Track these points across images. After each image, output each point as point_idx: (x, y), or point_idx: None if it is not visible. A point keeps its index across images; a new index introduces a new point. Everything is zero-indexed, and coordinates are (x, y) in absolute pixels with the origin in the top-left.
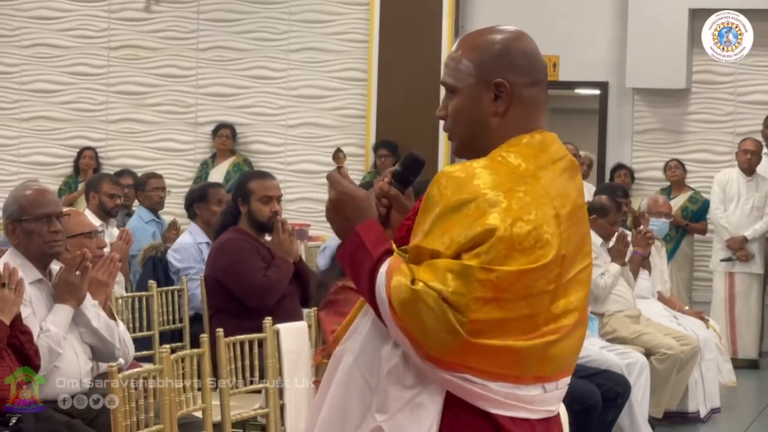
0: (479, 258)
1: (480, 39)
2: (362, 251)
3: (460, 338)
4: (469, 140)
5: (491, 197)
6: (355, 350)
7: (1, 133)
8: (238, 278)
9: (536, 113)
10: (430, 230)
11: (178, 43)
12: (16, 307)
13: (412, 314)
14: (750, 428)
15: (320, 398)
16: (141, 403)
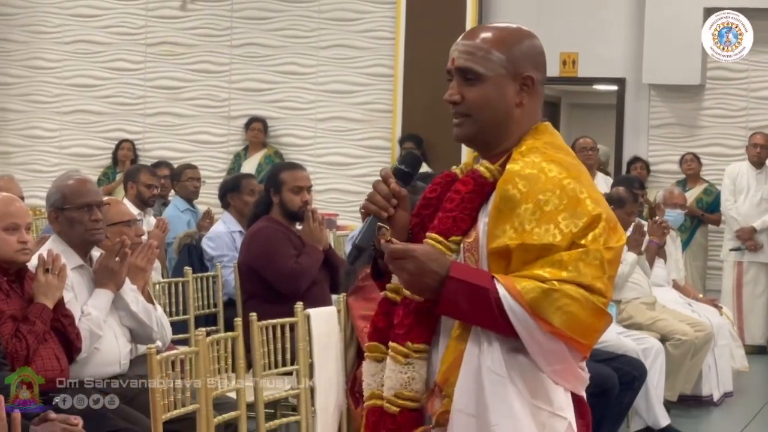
0: (598, 241)
1: (507, 34)
2: (473, 290)
3: (607, 318)
4: (489, 128)
5: (573, 186)
6: (500, 371)
7: (43, 125)
8: (271, 265)
9: (541, 105)
10: (529, 228)
11: (213, 40)
12: (59, 292)
13: (562, 313)
14: (762, 411)
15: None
16: (178, 383)
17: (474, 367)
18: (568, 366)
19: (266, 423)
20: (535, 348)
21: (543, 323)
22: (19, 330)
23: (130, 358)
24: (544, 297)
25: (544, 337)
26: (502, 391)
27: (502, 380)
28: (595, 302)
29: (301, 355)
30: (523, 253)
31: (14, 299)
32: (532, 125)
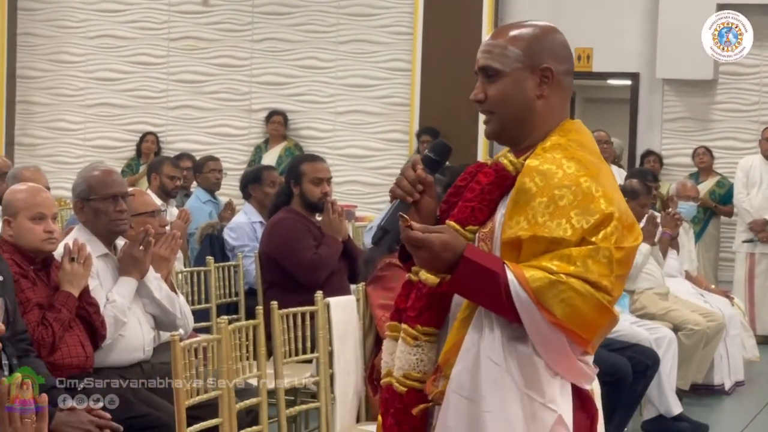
0: (609, 240)
1: (524, 29)
2: (484, 272)
3: (610, 316)
4: (512, 122)
5: (589, 184)
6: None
7: (68, 118)
8: (291, 255)
9: (567, 99)
10: (542, 221)
11: (234, 35)
12: (84, 280)
13: (565, 305)
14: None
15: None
16: (201, 370)
17: (473, 352)
18: (567, 358)
19: (286, 409)
20: (536, 335)
21: (546, 312)
22: (45, 317)
23: (153, 345)
24: (549, 287)
25: (545, 325)
26: (497, 379)
27: (498, 368)
28: (599, 299)
29: (320, 343)
30: (534, 244)
31: (40, 287)
32: (560, 120)
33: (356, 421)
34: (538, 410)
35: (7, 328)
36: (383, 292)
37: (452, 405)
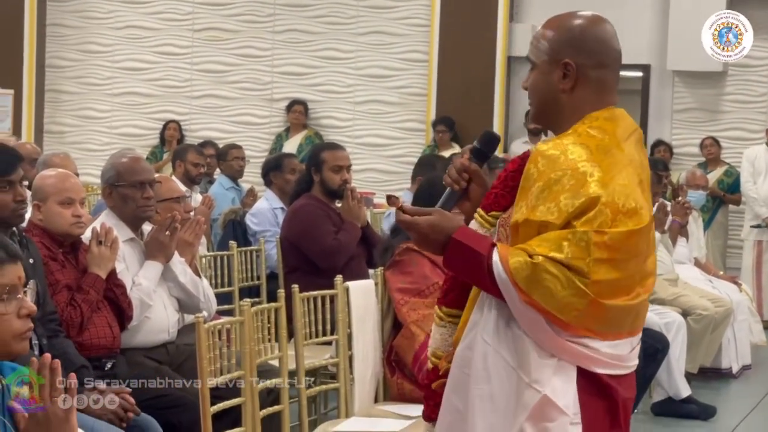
0: (591, 223)
1: (559, 22)
2: (471, 253)
3: (588, 298)
4: (542, 111)
5: (586, 169)
6: (489, 340)
7: (95, 107)
8: (311, 240)
9: (605, 92)
10: (535, 204)
11: (256, 26)
12: (111, 263)
13: (539, 287)
14: None
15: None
16: (224, 351)
17: (474, 331)
18: (551, 338)
19: (307, 390)
20: (518, 315)
21: (521, 293)
22: (73, 299)
23: (178, 327)
24: (525, 268)
25: (521, 305)
26: (487, 356)
27: (488, 347)
28: (575, 281)
29: (340, 325)
30: (527, 228)
31: (69, 270)
32: (593, 110)
33: (374, 402)
34: (523, 389)
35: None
36: (401, 276)
37: (454, 380)
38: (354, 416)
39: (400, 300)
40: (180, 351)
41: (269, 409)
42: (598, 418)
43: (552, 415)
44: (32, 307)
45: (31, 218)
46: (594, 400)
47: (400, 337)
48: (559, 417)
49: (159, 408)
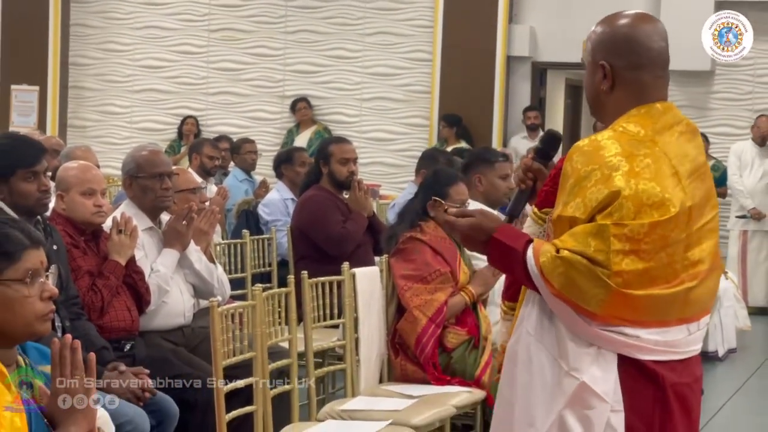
0: (611, 216)
1: (603, 24)
2: (508, 250)
3: (611, 289)
4: (592, 108)
5: (614, 163)
6: (532, 332)
7: (116, 102)
8: (320, 229)
9: (645, 92)
10: (567, 201)
11: (269, 27)
12: (131, 251)
13: (565, 279)
14: (763, 366)
15: (506, 390)
16: (236, 334)
17: (520, 325)
18: (582, 327)
19: (315, 370)
20: (551, 306)
21: (549, 286)
22: (95, 284)
23: (193, 311)
24: (551, 262)
25: (550, 297)
26: (530, 347)
27: (531, 338)
28: (597, 273)
29: (347, 309)
30: (561, 224)
31: (91, 256)
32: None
33: (379, 382)
34: (563, 377)
35: (61, 292)
36: (405, 264)
37: (504, 373)
38: (360, 395)
39: (404, 286)
40: (195, 333)
41: (279, 388)
42: (643, 405)
43: (591, 402)
44: (54, 290)
45: (55, 207)
46: (638, 387)
47: (404, 321)
48: (599, 404)
49: (175, 387)
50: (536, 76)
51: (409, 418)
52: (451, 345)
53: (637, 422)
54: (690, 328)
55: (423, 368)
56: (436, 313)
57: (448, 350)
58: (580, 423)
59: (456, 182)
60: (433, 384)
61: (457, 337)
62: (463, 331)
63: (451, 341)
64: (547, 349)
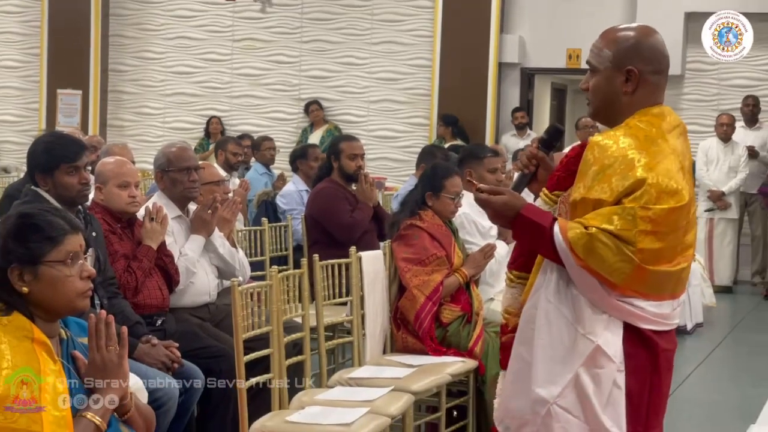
0: (638, 200)
1: (618, 34)
2: (535, 226)
3: (634, 264)
4: (602, 109)
5: (634, 155)
6: (551, 299)
7: (150, 105)
8: (331, 217)
9: (657, 93)
10: (591, 185)
11: (286, 37)
12: (161, 236)
13: (593, 253)
14: (726, 339)
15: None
16: (255, 310)
17: (538, 292)
18: (602, 296)
19: (326, 343)
20: (575, 277)
21: (576, 258)
22: (130, 266)
23: (218, 291)
24: (581, 237)
25: (577, 269)
26: (549, 313)
27: (550, 305)
28: (623, 249)
29: (354, 289)
30: (584, 205)
31: (126, 242)
32: (645, 107)
33: (383, 353)
34: (579, 340)
35: (99, 274)
36: (405, 248)
37: (521, 334)
38: (365, 365)
39: (404, 268)
40: (220, 310)
41: (293, 359)
42: (640, 366)
43: (602, 362)
44: (92, 271)
45: (94, 198)
46: (637, 351)
47: (404, 299)
48: (608, 364)
49: (201, 357)
50: (525, 80)
51: (409, 385)
52: (447, 320)
53: (633, 381)
54: (674, 304)
55: (421, 341)
56: (433, 292)
57: (443, 325)
58: (592, 380)
59: (451, 175)
60: (430, 355)
61: (451, 313)
62: (457, 308)
63: (446, 317)
64: (564, 315)
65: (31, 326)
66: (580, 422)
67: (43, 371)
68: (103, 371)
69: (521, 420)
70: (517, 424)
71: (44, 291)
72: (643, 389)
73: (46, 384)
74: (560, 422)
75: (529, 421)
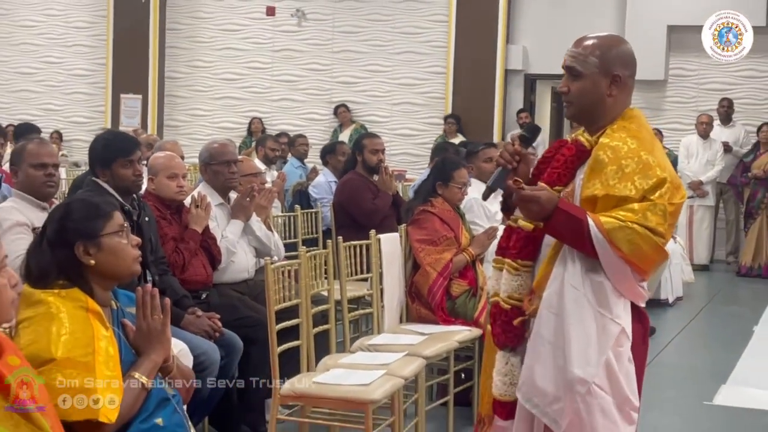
0: (664, 197)
1: (602, 41)
2: (573, 219)
3: (663, 255)
4: (586, 111)
5: (647, 156)
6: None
7: (201, 107)
8: (355, 205)
9: (630, 95)
10: (612, 183)
11: (320, 48)
12: (206, 221)
13: (630, 245)
14: (702, 310)
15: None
16: (287, 284)
17: (559, 279)
18: (630, 283)
19: (348, 314)
20: (609, 266)
21: (615, 249)
22: (177, 247)
23: (255, 268)
24: (619, 230)
25: (615, 258)
26: (577, 299)
27: (578, 292)
28: (656, 241)
29: (373, 266)
30: (606, 200)
31: (174, 226)
32: (623, 108)
33: (399, 322)
34: (607, 324)
35: (151, 253)
36: (419, 231)
37: (544, 319)
38: (384, 333)
39: (418, 248)
40: (257, 285)
41: (320, 327)
42: (637, 339)
43: (623, 341)
44: (138, 239)
45: (147, 188)
46: (637, 327)
47: (418, 275)
48: (626, 342)
49: (240, 327)
50: (528, 85)
51: (422, 350)
52: (456, 294)
53: (634, 354)
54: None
55: (433, 312)
56: (444, 269)
57: (452, 298)
58: (615, 357)
59: (459, 167)
60: (441, 324)
61: (460, 287)
62: (465, 283)
63: (455, 291)
64: (589, 300)
65: (86, 298)
66: (609, 396)
67: (96, 337)
68: (148, 337)
69: (552, 397)
70: (547, 401)
71: (108, 259)
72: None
73: (99, 348)
74: (597, 399)
75: (560, 398)
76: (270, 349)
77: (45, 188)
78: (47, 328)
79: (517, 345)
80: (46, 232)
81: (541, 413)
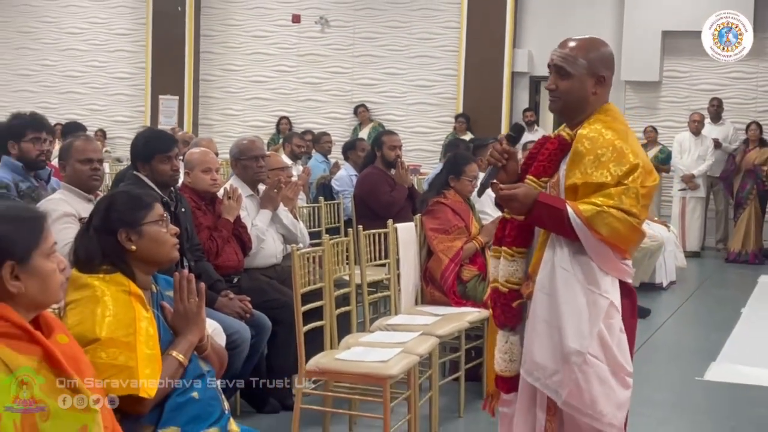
0: (636, 181)
1: (588, 45)
2: (552, 210)
3: (639, 234)
4: (571, 107)
5: (621, 145)
6: (567, 267)
7: (233, 107)
8: (374, 197)
9: (609, 91)
10: (590, 172)
11: (342, 52)
12: (237, 212)
13: (608, 227)
14: (694, 294)
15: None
16: (312, 269)
17: (550, 263)
18: (613, 262)
19: (368, 296)
20: (590, 249)
21: (594, 233)
22: (211, 235)
23: (283, 254)
24: (596, 215)
25: (595, 242)
26: (567, 279)
27: (567, 273)
28: (631, 222)
29: (391, 253)
30: (586, 188)
31: (209, 216)
32: (601, 104)
33: (414, 304)
34: (597, 299)
35: (187, 241)
36: (433, 220)
37: (538, 300)
38: (400, 314)
39: (432, 236)
40: (284, 270)
41: (342, 309)
42: (626, 311)
43: (613, 314)
44: (176, 228)
45: (184, 181)
46: (625, 302)
47: (432, 261)
48: (616, 315)
49: (268, 308)
50: (533, 86)
51: (435, 330)
52: (466, 278)
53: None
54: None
55: (446, 295)
56: (455, 255)
57: (463, 282)
58: (606, 329)
59: (470, 162)
60: (453, 306)
61: (470, 272)
62: (475, 268)
63: (466, 275)
64: (578, 279)
65: (128, 282)
66: (604, 365)
67: (137, 318)
68: (185, 318)
69: (551, 371)
70: (546, 374)
71: (149, 245)
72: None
73: (140, 328)
74: (593, 367)
75: (559, 370)
76: (296, 328)
77: (90, 181)
78: (93, 310)
79: (516, 325)
80: (93, 221)
81: (543, 386)
